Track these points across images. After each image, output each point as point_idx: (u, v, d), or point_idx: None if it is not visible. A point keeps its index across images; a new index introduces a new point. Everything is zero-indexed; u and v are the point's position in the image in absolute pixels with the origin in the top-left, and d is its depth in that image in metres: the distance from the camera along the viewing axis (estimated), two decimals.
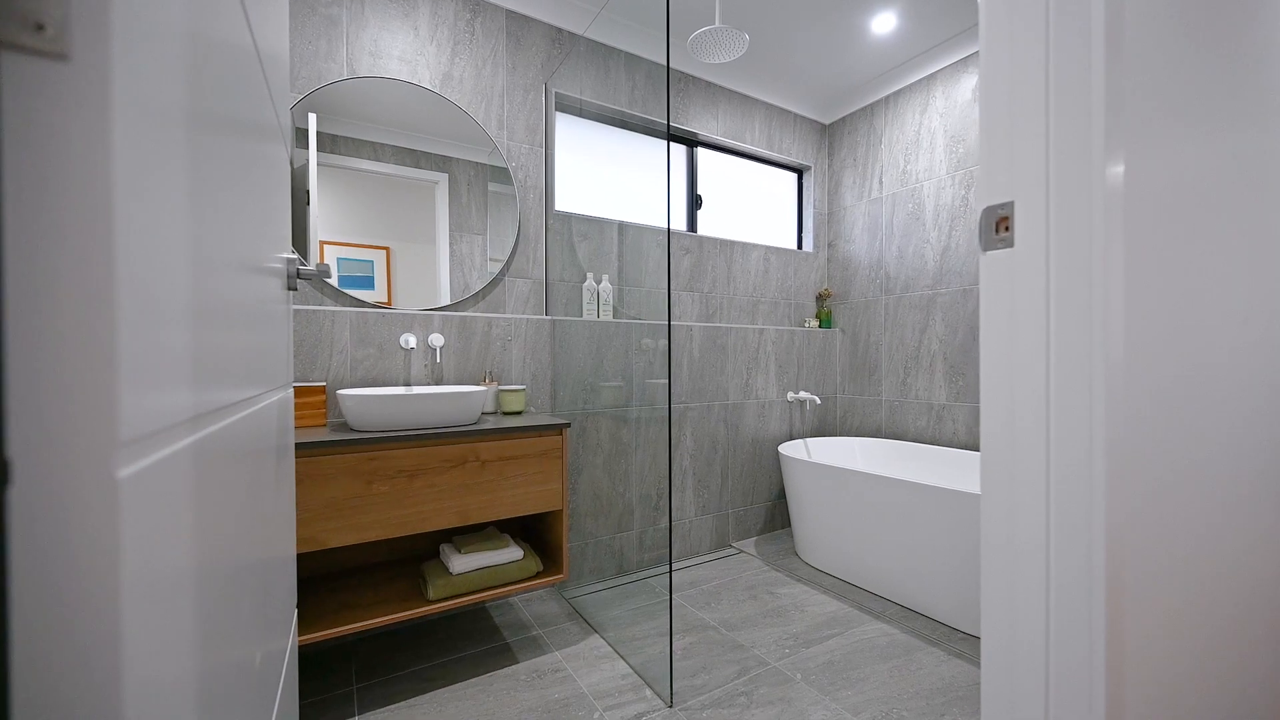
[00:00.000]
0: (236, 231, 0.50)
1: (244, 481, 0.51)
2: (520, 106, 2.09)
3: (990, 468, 0.60)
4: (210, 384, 0.39)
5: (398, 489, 1.42)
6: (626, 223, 2.37)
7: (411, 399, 1.49)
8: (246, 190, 0.55)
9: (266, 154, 0.68)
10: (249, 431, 0.55)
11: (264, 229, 0.65)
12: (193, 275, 0.34)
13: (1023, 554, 0.57)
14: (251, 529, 0.54)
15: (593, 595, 2.07)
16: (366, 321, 1.77)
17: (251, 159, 0.58)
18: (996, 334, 0.59)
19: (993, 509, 0.60)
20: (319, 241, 1.76)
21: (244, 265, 0.53)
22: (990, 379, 0.60)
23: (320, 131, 1.75)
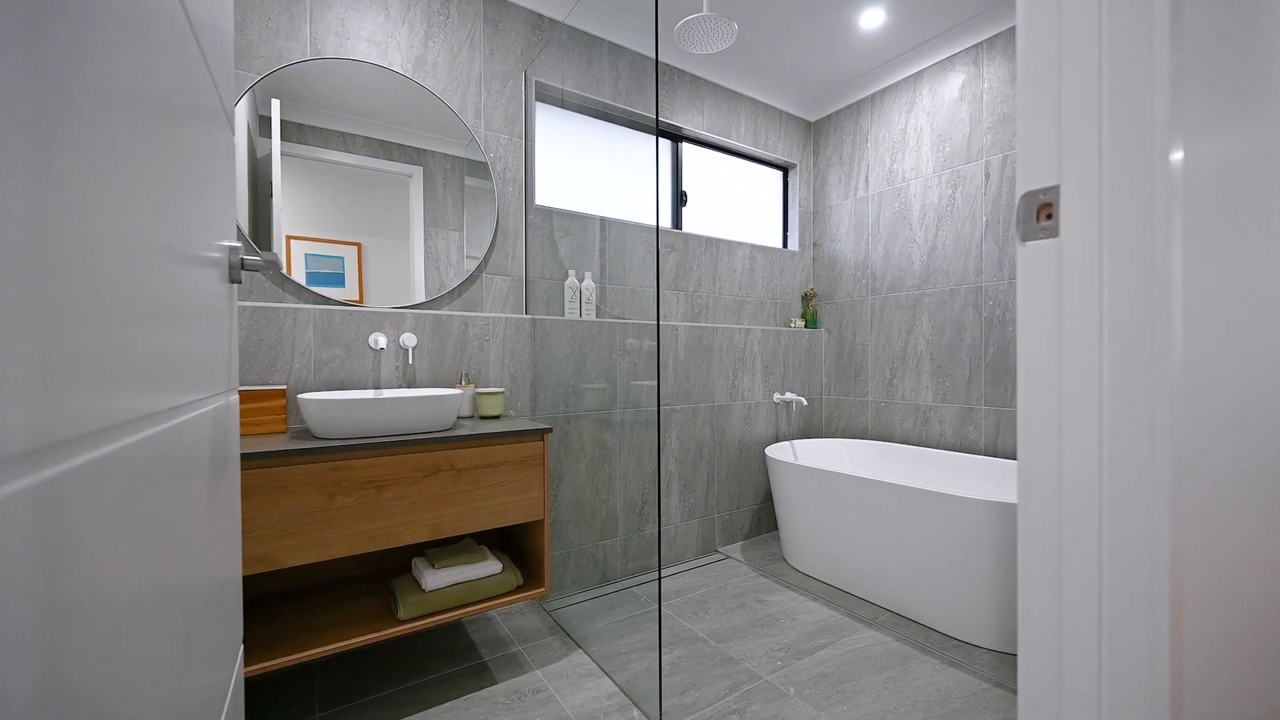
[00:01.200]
0: (150, 218, 0.41)
1: (154, 504, 0.42)
2: (499, 95, 1.99)
3: (1031, 482, 0.54)
4: (88, 394, 0.30)
5: (364, 501, 1.31)
6: (609, 219, 2.28)
7: (380, 403, 1.38)
8: (167, 174, 0.46)
9: (199, 134, 0.58)
10: (166, 447, 0.46)
11: (193, 216, 0.55)
12: (43, 266, 0.25)
13: (1072, 580, 0.51)
14: (165, 557, 0.45)
15: (576, 606, 1.98)
16: (332, 320, 1.65)
17: (175, 139, 0.48)
18: (1040, 332, 0.52)
19: (1035, 531, 0.53)
20: (285, 236, 1.64)
21: (161, 254, 0.43)
22: (1032, 382, 0.53)
23: (285, 120, 1.63)
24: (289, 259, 1.64)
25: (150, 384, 0.41)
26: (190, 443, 0.53)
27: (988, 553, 1.62)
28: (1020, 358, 0.55)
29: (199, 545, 0.56)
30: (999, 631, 1.63)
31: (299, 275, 1.64)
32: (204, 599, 0.58)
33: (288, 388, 1.57)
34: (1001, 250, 2.21)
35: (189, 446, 0.53)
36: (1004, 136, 2.20)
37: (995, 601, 1.63)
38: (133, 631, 0.37)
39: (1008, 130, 2.19)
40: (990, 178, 2.24)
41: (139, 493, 0.39)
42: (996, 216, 2.23)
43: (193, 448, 0.54)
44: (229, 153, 0.79)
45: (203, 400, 0.59)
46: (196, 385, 0.55)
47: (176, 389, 0.48)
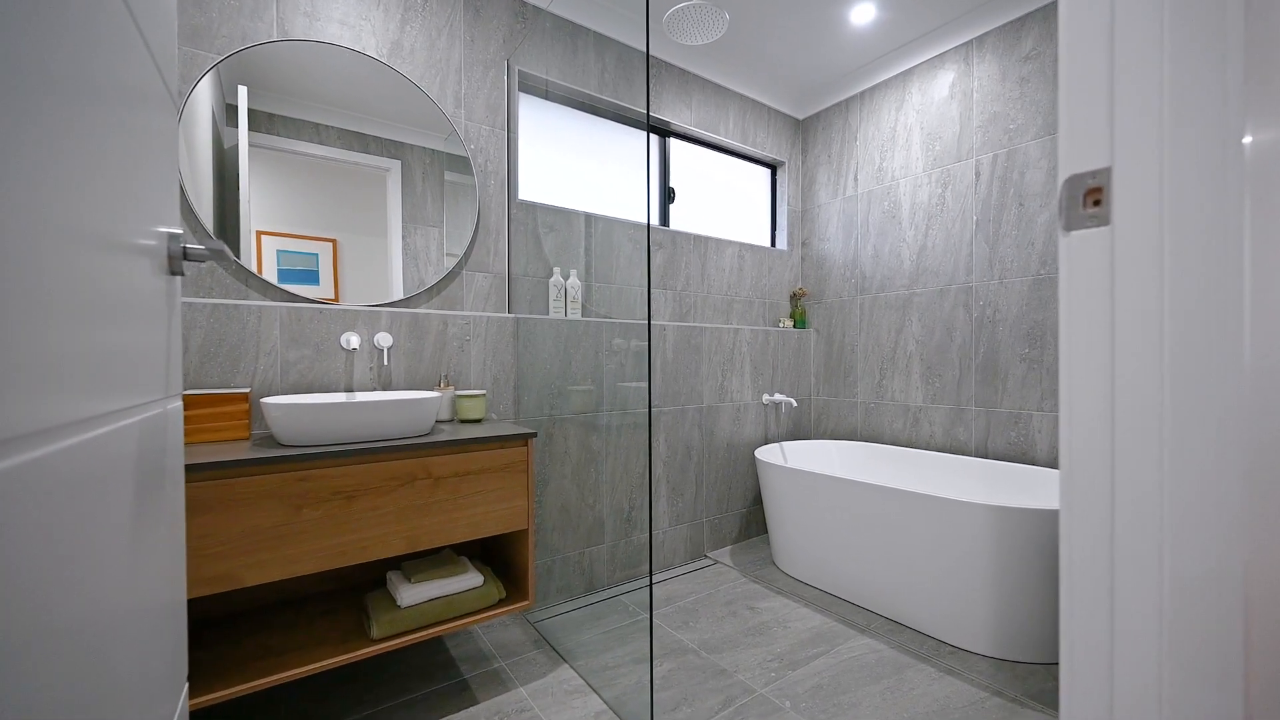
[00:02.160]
0: (56, 199, 0.33)
1: (53, 531, 0.34)
2: (480, 84, 1.91)
3: (1078, 496, 0.48)
4: None
5: (333, 514, 1.22)
6: (595, 215, 2.21)
7: (352, 408, 1.29)
8: (80, 152, 0.38)
9: (130, 114, 0.51)
10: (73, 464, 0.38)
11: (118, 199, 0.47)
12: None
13: (1128, 603, 0.45)
14: (69, 590, 0.37)
15: (561, 617, 1.90)
16: (301, 318, 1.55)
17: (96, 117, 0.41)
18: (1087, 329, 0.47)
19: (1083, 550, 0.48)
20: (255, 231, 1.54)
21: (71, 239, 0.35)
22: (1078, 384, 0.48)
23: (254, 109, 1.53)
24: (259, 255, 1.54)
25: (50, 392, 0.33)
26: (110, 458, 0.45)
27: (984, 558, 1.59)
28: (1063, 358, 0.49)
29: (122, 572, 0.48)
30: (995, 638, 1.60)
31: (270, 272, 1.55)
32: (131, 632, 0.50)
33: (251, 391, 1.47)
34: (992, 250, 2.19)
35: (108, 462, 0.44)
36: (994, 135, 2.18)
37: (991, 607, 1.59)
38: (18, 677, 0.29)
39: (998, 129, 2.17)
40: (980, 177, 2.22)
41: (30, 519, 0.31)
42: (987, 216, 2.21)
43: (113, 463, 0.46)
44: (170, 135, 0.70)
45: (130, 409, 0.50)
46: (120, 392, 0.47)
47: (90, 397, 0.40)
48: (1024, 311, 2.10)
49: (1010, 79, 2.13)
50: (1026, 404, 2.09)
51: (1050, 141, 2.02)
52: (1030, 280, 2.08)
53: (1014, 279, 2.13)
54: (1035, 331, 2.06)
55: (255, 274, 1.51)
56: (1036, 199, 2.06)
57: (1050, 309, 2.02)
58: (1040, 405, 2.05)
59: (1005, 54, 2.14)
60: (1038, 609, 1.55)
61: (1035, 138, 2.06)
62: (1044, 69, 2.04)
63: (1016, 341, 2.12)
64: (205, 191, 1.46)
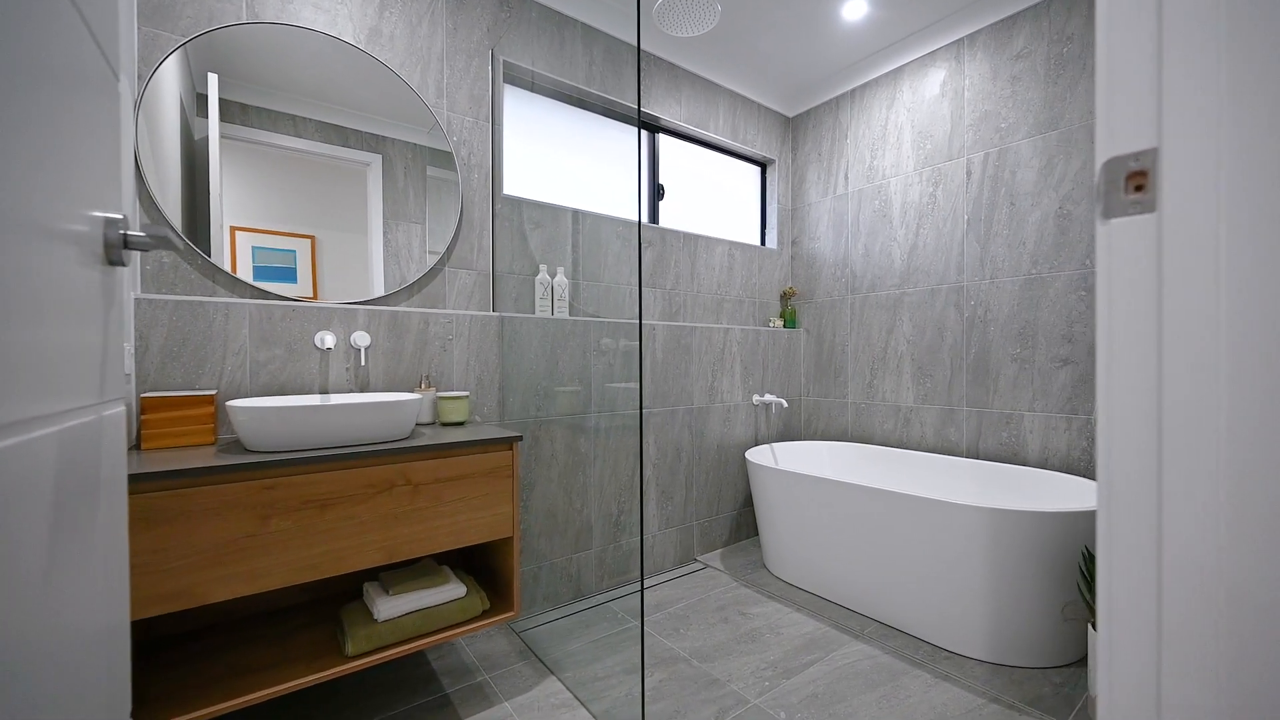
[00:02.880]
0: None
1: None
2: (463, 74, 1.84)
3: (1120, 515, 0.44)
4: None
5: (304, 524, 1.14)
6: (583, 211, 2.15)
7: (326, 411, 1.21)
8: None
9: (62, 94, 0.44)
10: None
11: (42, 182, 0.41)
12: None
13: (1178, 633, 0.41)
14: None
15: (547, 626, 1.84)
16: (272, 316, 1.47)
17: (19, 98, 0.35)
18: (1130, 325, 0.42)
19: (1125, 590, 0.44)
20: (229, 227, 1.46)
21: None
22: (1119, 385, 0.43)
23: (226, 99, 1.45)
24: (233, 251, 1.47)
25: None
26: (18, 473, 0.38)
27: (979, 561, 1.56)
28: (1102, 358, 0.45)
29: (31, 598, 0.41)
30: (991, 642, 1.57)
31: (245, 269, 1.47)
32: (47, 665, 0.43)
33: (218, 393, 1.39)
34: (983, 249, 2.18)
35: (13, 478, 0.38)
36: (985, 134, 2.17)
37: (986, 611, 1.57)
38: None
39: (989, 128, 2.16)
40: (972, 176, 2.21)
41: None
42: (978, 215, 2.19)
43: (21, 479, 0.39)
44: (112, 116, 0.63)
45: (49, 417, 0.44)
46: (34, 398, 0.40)
47: (18, 398, 0.34)
48: (1015, 311, 2.08)
49: (1001, 78, 2.11)
50: (1018, 404, 2.08)
51: (1041, 141, 2.01)
52: (1021, 280, 2.06)
53: (1005, 279, 2.11)
54: (1026, 331, 2.05)
55: (223, 269, 1.43)
56: (1027, 198, 2.05)
57: (1042, 309, 2.01)
58: (1031, 406, 2.04)
59: (996, 52, 2.13)
60: (1033, 613, 1.53)
61: (1026, 137, 2.05)
62: (1035, 68, 2.03)
63: (1008, 341, 2.10)
64: (172, 183, 1.38)
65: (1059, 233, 1.97)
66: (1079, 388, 1.92)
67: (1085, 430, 1.91)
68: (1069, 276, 1.94)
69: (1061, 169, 1.96)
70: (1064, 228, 1.96)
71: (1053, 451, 1.99)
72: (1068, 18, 1.94)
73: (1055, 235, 1.98)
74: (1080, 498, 1.78)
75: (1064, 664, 1.56)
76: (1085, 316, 1.90)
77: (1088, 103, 1.90)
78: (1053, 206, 1.98)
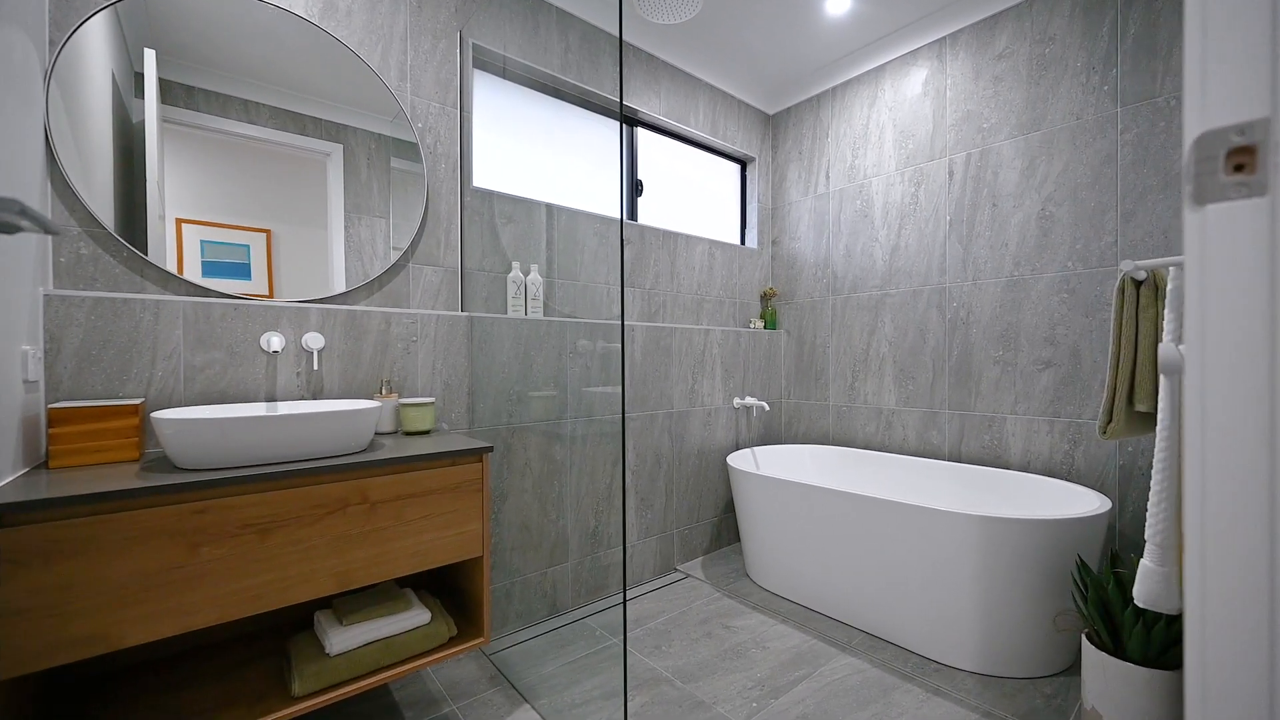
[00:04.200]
0: None
1: None
2: (428, 56, 1.71)
3: (1220, 537, 0.36)
4: None
5: (242, 551, 1.01)
6: (558, 206, 2.04)
7: (270, 422, 1.08)
8: None
9: None
10: None
11: None
12: None
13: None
14: None
15: (521, 647, 1.73)
16: (210, 315, 1.32)
17: None
18: (1232, 321, 0.35)
19: (1230, 603, 0.36)
20: (174, 220, 1.32)
21: None
22: (1218, 400, 0.36)
23: (168, 79, 1.31)
24: (179, 245, 1.32)
25: None
26: None
27: (970, 570, 1.52)
28: (1194, 355, 0.37)
29: None
30: (981, 653, 1.53)
31: (193, 264, 1.33)
32: None
33: (145, 402, 1.23)
34: (965, 250, 2.15)
35: None
36: (967, 134, 2.14)
37: (977, 621, 1.53)
38: None
39: (971, 128, 2.13)
40: (954, 176, 2.19)
41: None
42: (960, 216, 2.17)
43: None
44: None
45: None
46: None
47: None
48: (998, 313, 2.06)
49: (984, 77, 2.09)
50: (1000, 407, 2.06)
51: (1023, 141, 1.99)
52: (1004, 282, 2.05)
53: (987, 280, 2.09)
54: (1009, 334, 2.03)
55: (153, 263, 1.27)
56: (1010, 199, 2.03)
57: (1024, 311, 1.99)
58: (1014, 409, 2.02)
59: (979, 52, 2.11)
60: (1023, 623, 1.49)
61: (1009, 137, 2.03)
62: (1017, 68, 2.01)
63: (990, 344, 2.08)
64: (101, 169, 1.23)
65: (1041, 234, 1.96)
66: (1061, 391, 1.91)
67: (1067, 433, 1.89)
68: (1051, 279, 1.93)
69: (1044, 170, 1.95)
70: (1046, 229, 1.94)
71: (1035, 455, 1.97)
72: (1050, 18, 1.92)
73: (1037, 237, 1.96)
74: (1066, 502, 1.76)
75: (1053, 673, 1.53)
76: (1067, 319, 1.89)
77: (1070, 104, 1.88)
78: (1035, 208, 1.97)
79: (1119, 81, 1.78)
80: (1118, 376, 1.01)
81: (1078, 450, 1.87)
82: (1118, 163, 1.78)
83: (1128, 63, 1.76)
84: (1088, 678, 1.30)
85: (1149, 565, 0.90)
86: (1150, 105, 1.72)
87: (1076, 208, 1.87)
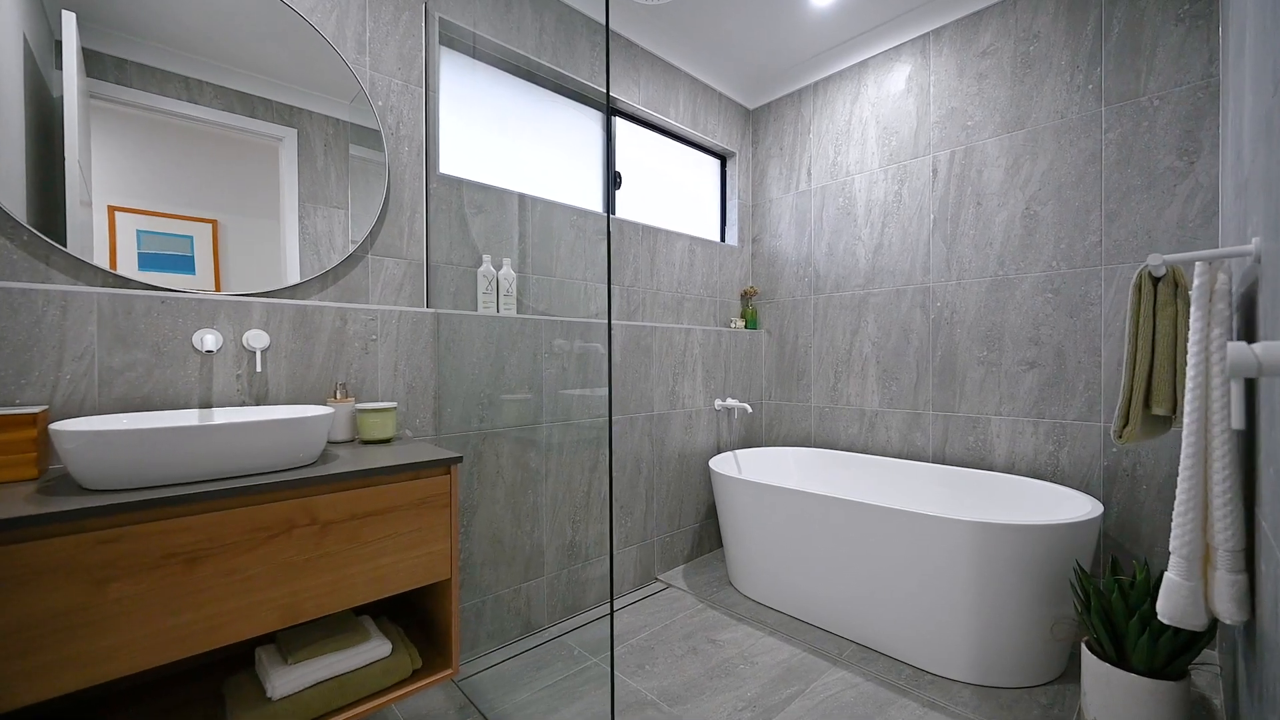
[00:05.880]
0: None
1: None
2: (390, 28, 1.56)
3: None
4: None
5: (164, 586, 0.86)
6: (532, 197, 1.92)
7: (200, 433, 0.93)
8: None
9: None
10: None
11: None
12: None
13: None
14: None
15: (493, 671, 1.60)
16: (132, 310, 1.15)
17: None
18: None
19: None
20: (107, 207, 1.15)
21: None
22: None
23: (95, 50, 1.15)
24: (112, 236, 1.17)
25: None
26: None
27: (964, 577, 1.47)
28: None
29: None
30: (976, 663, 1.48)
31: (128, 255, 1.18)
32: None
33: (49, 410, 1.06)
34: (949, 250, 2.13)
35: None
36: (951, 132, 2.12)
37: (971, 630, 1.48)
38: None
39: (955, 125, 2.11)
40: (938, 174, 2.16)
41: None
42: (944, 215, 2.14)
43: None
44: None
45: None
46: None
47: None
48: (982, 313, 2.04)
49: (968, 74, 2.07)
50: (984, 408, 2.03)
51: (1007, 140, 1.97)
52: (988, 281, 2.02)
53: (971, 280, 2.07)
54: (993, 334, 2.01)
55: (57, 247, 1.10)
56: (994, 198, 2.01)
57: (1008, 311, 1.97)
58: (999, 409, 2.00)
59: (963, 48, 2.08)
60: (1019, 631, 1.45)
61: (993, 135, 2.01)
62: (1001, 66, 1.99)
63: (974, 344, 2.06)
64: (10, 148, 1.05)
65: (1025, 234, 1.94)
66: (1045, 391, 1.89)
67: (1052, 434, 1.88)
68: (1035, 278, 1.91)
69: (1028, 169, 1.93)
70: (1030, 229, 1.93)
71: (1020, 456, 1.95)
72: (1034, 15, 1.91)
73: (1022, 236, 1.94)
74: (1055, 505, 1.74)
75: (1047, 681, 1.50)
76: (1052, 319, 1.88)
77: (1054, 102, 1.87)
78: (1019, 207, 1.95)
79: (1103, 80, 1.77)
80: (1134, 378, 0.96)
81: (1062, 451, 1.86)
82: (1102, 162, 1.77)
83: (1112, 61, 1.75)
84: (1088, 689, 1.25)
85: (1175, 579, 0.84)
86: (1134, 105, 1.71)
87: (1061, 207, 1.86)
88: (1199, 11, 1.60)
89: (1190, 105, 1.62)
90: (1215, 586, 0.81)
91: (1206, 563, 0.84)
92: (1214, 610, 0.82)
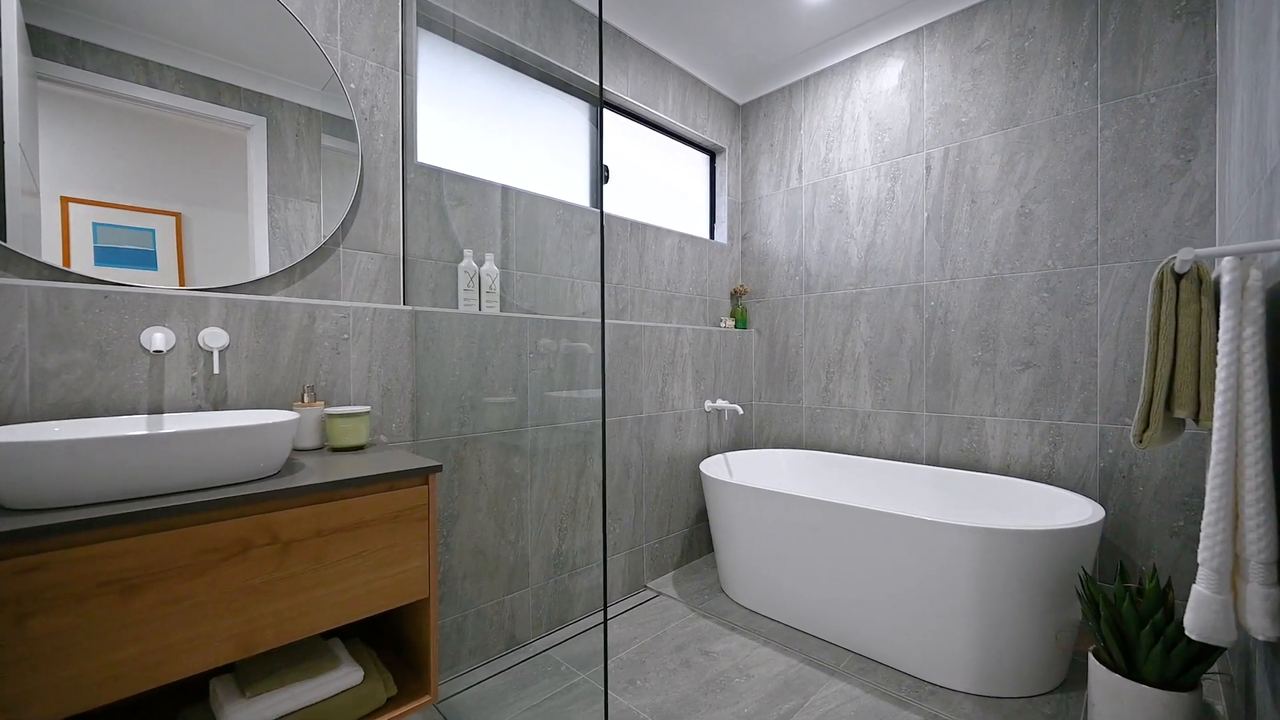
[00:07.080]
0: None
1: None
2: (364, 6, 1.46)
3: None
4: None
5: (97, 619, 0.75)
6: (516, 189, 1.83)
7: (144, 443, 0.83)
8: None
9: None
10: None
11: None
12: None
13: None
14: None
15: (475, 691, 1.51)
16: (70, 305, 1.04)
17: None
18: None
19: None
20: (60, 198, 1.05)
21: None
22: None
23: (43, 27, 1.05)
24: (65, 229, 1.07)
25: None
26: None
27: (965, 584, 1.42)
28: None
29: None
30: (978, 673, 1.44)
31: (83, 249, 1.09)
32: None
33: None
34: (943, 248, 2.09)
35: None
36: (945, 129, 2.08)
37: (973, 639, 1.43)
38: None
39: (949, 122, 2.07)
40: (931, 171, 2.12)
41: None
42: (938, 213, 2.11)
43: None
44: None
45: None
46: None
47: None
48: (976, 313, 2.01)
49: (962, 70, 2.03)
50: (979, 409, 2.00)
51: (1002, 137, 1.94)
52: (983, 280, 1.99)
53: (966, 279, 2.03)
54: (988, 334, 1.98)
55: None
56: (989, 196, 1.98)
57: (1003, 311, 1.94)
58: (993, 410, 1.97)
59: (957, 44, 2.05)
60: (1022, 639, 1.41)
61: (987, 132, 1.98)
62: (996, 61, 1.96)
63: (968, 344, 2.03)
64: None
65: (1020, 232, 1.91)
66: (1041, 392, 1.86)
67: (1047, 435, 1.85)
68: (1030, 278, 1.88)
69: (1023, 167, 1.90)
70: (1026, 227, 1.90)
71: (1014, 458, 1.92)
72: (1029, 10, 1.88)
73: (1017, 235, 1.92)
74: (1053, 507, 1.71)
75: (1050, 690, 1.46)
76: (1047, 319, 1.85)
77: (1050, 99, 1.84)
78: (1014, 205, 1.92)
79: (1099, 77, 1.74)
80: (1155, 379, 0.92)
81: (1058, 453, 1.83)
82: (1098, 160, 1.75)
83: (1108, 58, 1.73)
84: (1096, 700, 1.21)
85: (1205, 593, 0.80)
86: (1130, 102, 1.69)
87: (1056, 205, 1.83)
88: (1196, 8, 1.58)
89: (1187, 103, 1.60)
90: (1247, 600, 0.77)
91: (1235, 574, 0.80)
92: (1245, 625, 0.78)
